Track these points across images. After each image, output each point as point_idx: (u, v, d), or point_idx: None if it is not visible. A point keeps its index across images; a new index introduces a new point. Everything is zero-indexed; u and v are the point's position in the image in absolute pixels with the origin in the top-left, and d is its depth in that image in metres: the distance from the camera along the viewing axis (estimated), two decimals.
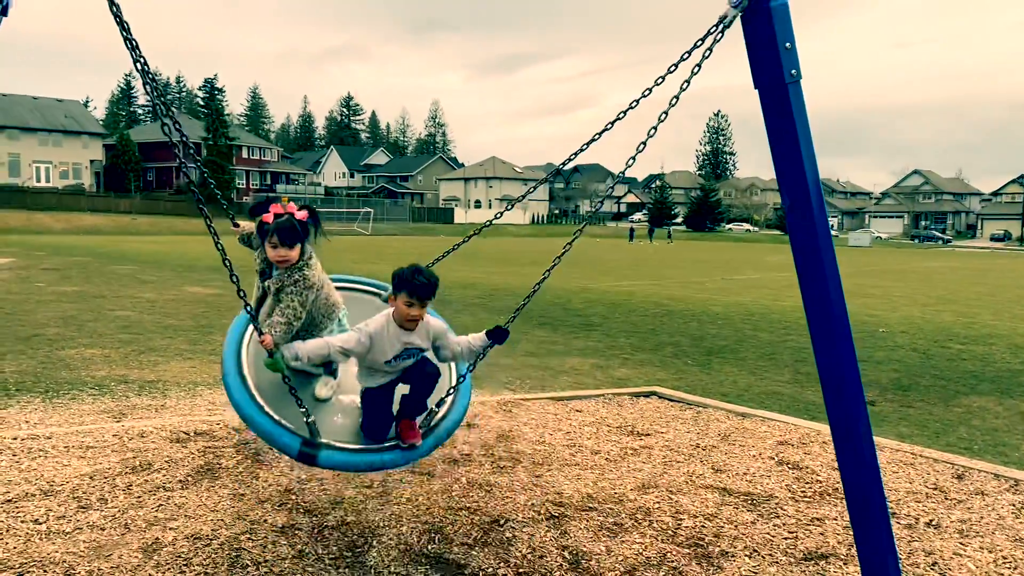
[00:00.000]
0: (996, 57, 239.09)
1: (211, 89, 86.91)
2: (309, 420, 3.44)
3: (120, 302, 14.30)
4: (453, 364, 4.12)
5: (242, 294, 3.23)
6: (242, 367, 3.70)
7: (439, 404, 3.76)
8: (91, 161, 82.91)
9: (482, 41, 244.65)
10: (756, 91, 3.18)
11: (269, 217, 3.66)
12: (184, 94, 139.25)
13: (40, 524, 3.96)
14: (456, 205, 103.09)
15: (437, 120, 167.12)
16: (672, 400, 7.43)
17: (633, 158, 3.38)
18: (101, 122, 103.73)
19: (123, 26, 2.73)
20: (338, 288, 4.15)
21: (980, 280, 29.94)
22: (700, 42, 3.16)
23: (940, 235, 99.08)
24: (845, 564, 3.86)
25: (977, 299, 21.29)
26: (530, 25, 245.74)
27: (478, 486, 4.73)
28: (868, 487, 3.50)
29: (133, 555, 3.67)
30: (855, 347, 3.34)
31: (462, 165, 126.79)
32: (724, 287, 21.94)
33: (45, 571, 3.48)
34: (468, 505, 4.43)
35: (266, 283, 3.77)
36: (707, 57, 3.14)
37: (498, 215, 4.19)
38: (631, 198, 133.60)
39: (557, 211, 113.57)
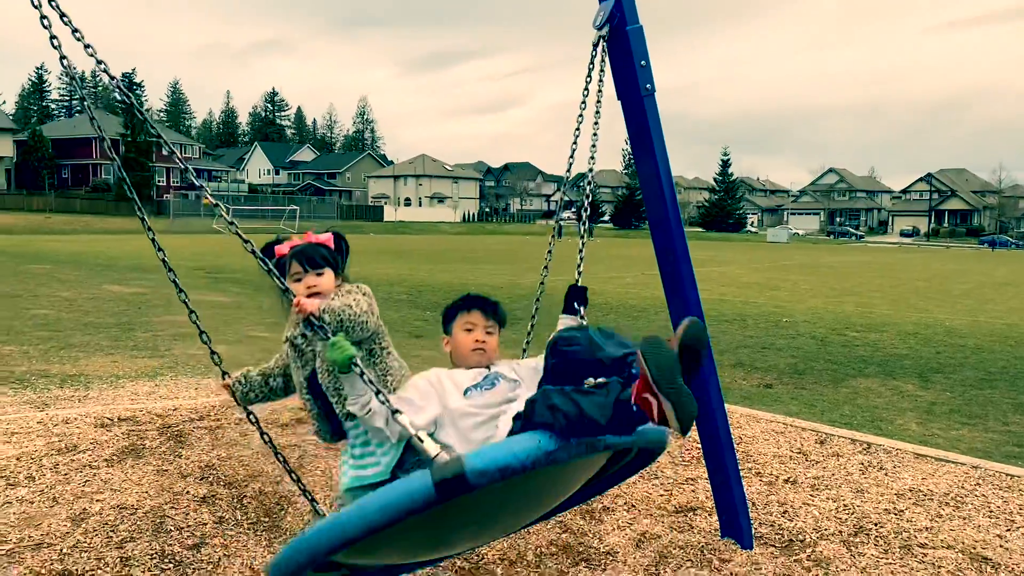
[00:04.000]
0: (909, 60, 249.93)
1: (129, 84, 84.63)
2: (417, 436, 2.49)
3: (37, 301, 14.15)
4: None
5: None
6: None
7: None
8: (1, 158, 79.67)
9: (413, 37, 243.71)
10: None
11: (284, 248, 2.99)
12: (100, 89, 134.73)
13: None
14: (385, 203, 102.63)
15: (366, 117, 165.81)
16: None
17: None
18: (11, 117, 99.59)
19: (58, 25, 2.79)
20: None
21: (884, 273, 31.65)
22: (591, 65, 3.57)
23: (854, 231, 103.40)
24: (710, 515, 4.41)
25: (879, 291, 22.62)
26: (462, 21, 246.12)
27: None
28: (721, 449, 4.06)
29: (62, 524, 3.97)
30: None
31: (391, 162, 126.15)
32: (643, 281, 22.75)
33: None
34: None
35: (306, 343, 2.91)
36: (603, 70, 3.50)
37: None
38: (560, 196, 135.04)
39: (488, 209, 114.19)
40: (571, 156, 3.47)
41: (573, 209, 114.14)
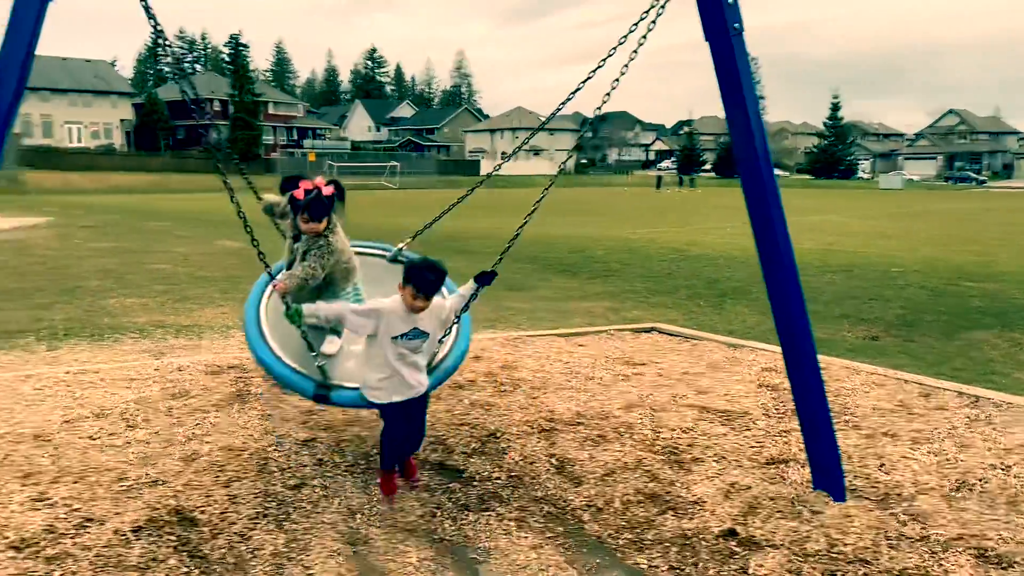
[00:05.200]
0: None
1: (236, 45, 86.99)
2: (321, 364, 3.97)
3: (155, 256, 14.96)
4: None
5: (255, 243, 3.71)
6: (261, 321, 4.27)
7: (440, 340, 4.18)
8: (121, 120, 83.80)
9: None
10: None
11: (300, 193, 4.21)
12: (209, 51, 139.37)
13: (95, 440, 4.57)
14: (483, 157, 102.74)
15: (462, 71, 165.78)
16: (671, 335, 7.87)
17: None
18: (129, 81, 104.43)
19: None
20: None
21: (1006, 221, 29.71)
22: (645, 12, 3.50)
23: (974, 176, 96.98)
24: (802, 467, 4.32)
25: (999, 239, 21.29)
26: None
27: (479, 406, 5.27)
28: (813, 400, 3.96)
29: (175, 463, 4.26)
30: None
31: (488, 116, 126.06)
32: (745, 232, 22.13)
33: (101, 475, 4.08)
34: (469, 421, 4.97)
35: (296, 246, 4.36)
36: (660, 14, 3.48)
37: (497, 167, 5.22)
38: (659, 145, 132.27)
39: (584, 160, 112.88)
40: (606, 100, 3.48)
41: (673, 159, 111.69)
